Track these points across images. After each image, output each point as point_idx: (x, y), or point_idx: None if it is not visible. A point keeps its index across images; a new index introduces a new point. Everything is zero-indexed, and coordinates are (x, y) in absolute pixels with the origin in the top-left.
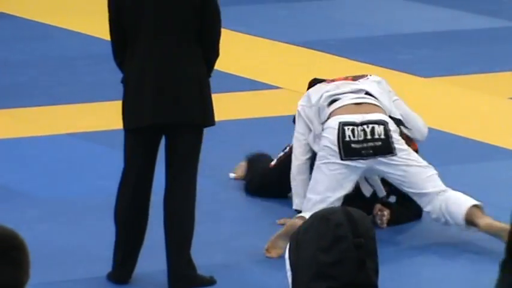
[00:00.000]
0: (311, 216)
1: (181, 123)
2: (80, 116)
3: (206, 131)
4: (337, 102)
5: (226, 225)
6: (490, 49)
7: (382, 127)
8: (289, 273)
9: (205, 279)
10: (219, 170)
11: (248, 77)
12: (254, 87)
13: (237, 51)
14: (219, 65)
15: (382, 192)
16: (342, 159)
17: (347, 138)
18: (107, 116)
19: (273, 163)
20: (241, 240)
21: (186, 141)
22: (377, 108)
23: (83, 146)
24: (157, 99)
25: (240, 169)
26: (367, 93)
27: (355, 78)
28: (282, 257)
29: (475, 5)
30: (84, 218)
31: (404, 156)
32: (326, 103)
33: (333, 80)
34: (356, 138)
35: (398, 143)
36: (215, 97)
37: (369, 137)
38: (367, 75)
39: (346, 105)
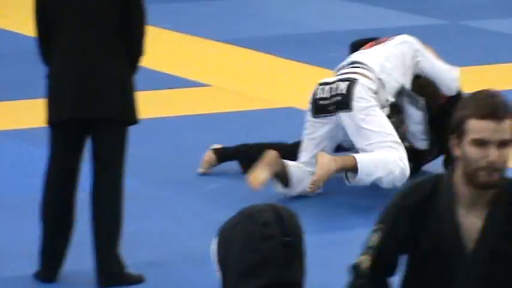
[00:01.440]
0: (239, 213)
1: (102, 119)
2: (6, 114)
3: (135, 128)
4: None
5: (155, 223)
6: None
7: (346, 83)
8: (217, 269)
9: (134, 277)
10: (148, 168)
11: (177, 74)
12: (183, 85)
13: (165, 48)
14: (148, 63)
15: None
16: (313, 117)
17: (317, 96)
18: (33, 113)
19: None
20: (169, 238)
21: (109, 139)
22: (361, 75)
23: (9, 144)
24: (78, 93)
25: (207, 162)
26: (357, 63)
27: (378, 42)
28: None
29: (401, 3)
30: (11, 216)
31: (359, 116)
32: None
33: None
34: (324, 95)
35: (361, 102)
36: (144, 95)
37: (333, 92)
38: (393, 37)
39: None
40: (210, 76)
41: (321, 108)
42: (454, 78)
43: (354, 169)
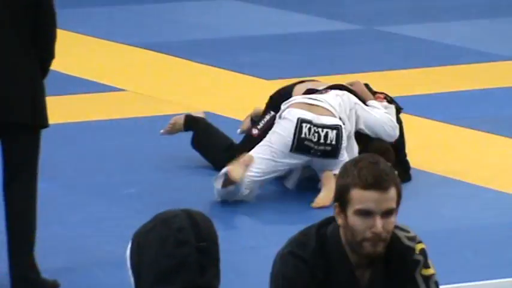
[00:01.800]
0: (153, 218)
1: (11, 123)
2: None
3: (50, 133)
4: (291, 98)
5: (70, 227)
6: (332, 51)
7: (335, 132)
8: (130, 274)
9: (49, 282)
10: (62, 172)
11: (91, 79)
12: (98, 90)
13: (79, 52)
14: (62, 67)
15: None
16: (290, 151)
17: (303, 135)
18: None
19: (255, 132)
20: (84, 242)
21: (20, 143)
22: (329, 112)
23: None
24: None
25: (173, 124)
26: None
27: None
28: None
29: (316, 8)
30: None
31: (342, 158)
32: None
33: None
34: (310, 137)
35: (343, 147)
36: (58, 99)
37: (322, 140)
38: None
39: (299, 102)
40: (124, 81)
41: (305, 148)
42: (394, 125)
43: None
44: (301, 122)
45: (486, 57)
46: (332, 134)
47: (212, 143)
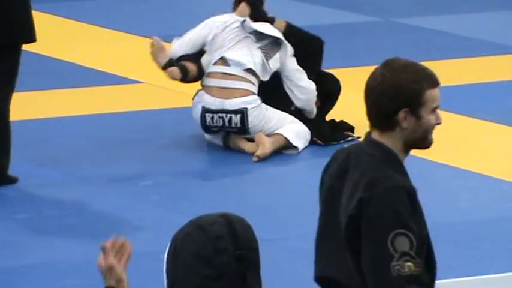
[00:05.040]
0: (191, 223)
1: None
2: None
3: (66, 124)
4: (208, 79)
5: (86, 219)
6: (348, 43)
7: (239, 116)
8: (165, 276)
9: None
10: (79, 164)
11: (109, 71)
12: (115, 82)
13: (97, 45)
14: (79, 59)
15: None
16: (204, 132)
17: (207, 123)
18: None
19: None
20: (101, 234)
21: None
22: (240, 91)
23: None
24: None
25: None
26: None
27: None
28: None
29: (337, 1)
30: None
31: (257, 128)
32: (213, 57)
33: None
34: (215, 124)
35: (254, 122)
36: (76, 91)
37: (226, 124)
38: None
39: (212, 86)
40: (142, 73)
41: (214, 131)
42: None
43: (287, 145)
44: (204, 111)
45: (505, 49)
46: (236, 119)
47: None
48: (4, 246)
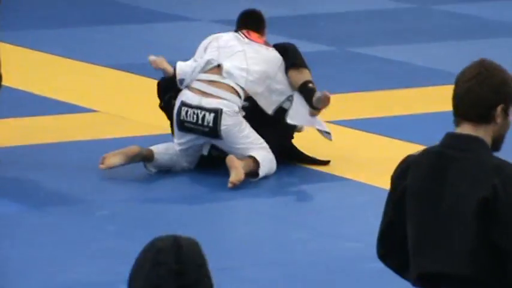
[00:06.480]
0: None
1: None
2: None
3: (19, 154)
4: (194, 82)
5: (41, 250)
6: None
7: (212, 115)
8: None
9: None
10: (33, 194)
11: (63, 100)
12: (70, 111)
13: (52, 74)
14: (34, 88)
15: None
16: (178, 131)
17: (181, 117)
18: None
19: None
20: (56, 264)
21: None
22: (222, 95)
23: None
24: None
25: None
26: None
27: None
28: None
29: (288, 29)
30: None
31: (229, 139)
32: (199, 68)
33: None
34: (189, 119)
35: (229, 127)
36: (30, 120)
37: (199, 122)
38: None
39: (194, 88)
40: (97, 102)
41: (187, 129)
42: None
43: (253, 171)
44: (181, 105)
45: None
46: (209, 117)
47: None
48: None
